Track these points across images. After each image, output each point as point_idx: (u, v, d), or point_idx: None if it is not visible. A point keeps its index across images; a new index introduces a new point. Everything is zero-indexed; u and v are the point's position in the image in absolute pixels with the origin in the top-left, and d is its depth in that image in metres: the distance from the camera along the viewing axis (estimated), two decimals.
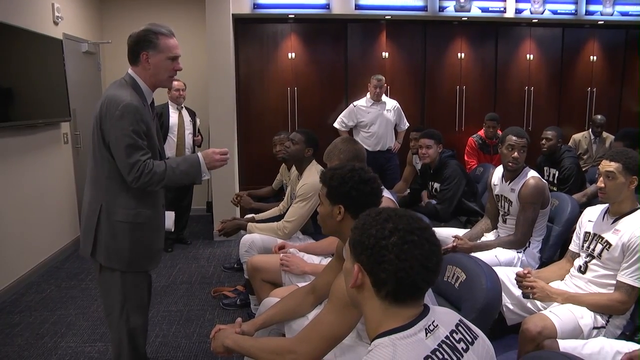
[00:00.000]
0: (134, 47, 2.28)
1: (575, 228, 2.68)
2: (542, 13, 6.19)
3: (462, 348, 1.19)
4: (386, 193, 2.85)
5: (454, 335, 1.20)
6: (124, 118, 2.15)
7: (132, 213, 2.29)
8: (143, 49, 2.26)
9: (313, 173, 3.38)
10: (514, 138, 3.11)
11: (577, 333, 2.19)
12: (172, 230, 2.82)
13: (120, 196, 2.27)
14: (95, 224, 2.27)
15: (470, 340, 1.23)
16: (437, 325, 1.19)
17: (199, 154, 2.38)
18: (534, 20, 6.32)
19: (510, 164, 3.12)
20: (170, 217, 2.67)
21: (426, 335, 1.15)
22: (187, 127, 5.23)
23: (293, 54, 6.06)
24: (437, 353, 1.14)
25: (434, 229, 1.24)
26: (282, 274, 2.96)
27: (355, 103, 5.55)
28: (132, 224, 2.29)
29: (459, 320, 1.26)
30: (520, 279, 2.41)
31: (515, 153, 3.09)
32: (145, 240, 2.37)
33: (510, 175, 3.18)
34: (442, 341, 1.17)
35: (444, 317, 1.24)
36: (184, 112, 5.26)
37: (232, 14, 5.56)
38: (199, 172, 2.36)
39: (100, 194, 2.27)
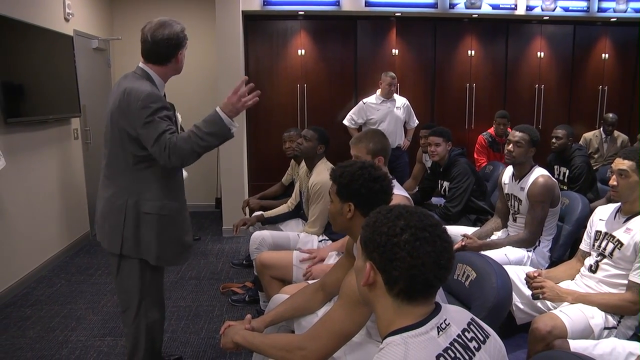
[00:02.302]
0: (171, 48, 2.26)
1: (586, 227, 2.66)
2: (553, 10, 6.14)
3: (474, 347, 1.18)
4: (400, 190, 2.84)
5: (466, 334, 1.20)
6: (146, 107, 2.15)
7: (157, 205, 2.30)
8: (180, 48, 2.28)
9: (323, 170, 3.38)
10: (515, 133, 3.14)
11: (587, 333, 2.17)
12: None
13: (147, 188, 2.29)
14: (122, 220, 2.28)
15: (482, 339, 1.22)
16: (448, 323, 1.18)
17: (217, 108, 2.25)
18: (545, 18, 6.27)
19: (505, 157, 3.15)
20: None
21: (438, 334, 1.14)
22: None
23: (303, 51, 6.05)
24: (449, 352, 1.13)
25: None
26: (293, 271, 2.98)
27: (364, 100, 5.54)
28: (159, 215, 2.31)
29: (471, 319, 1.25)
30: (529, 280, 2.40)
31: (510, 146, 3.10)
32: (173, 233, 2.37)
33: (520, 173, 3.16)
34: (454, 340, 1.16)
35: (455, 316, 1.23)
36: None
37: (242, 11, 5.56)
38: (225, 126, 2.22)
39: (125, 188, 2.28)
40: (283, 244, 3.40)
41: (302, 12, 5.88)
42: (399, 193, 2.75)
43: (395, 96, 5.55)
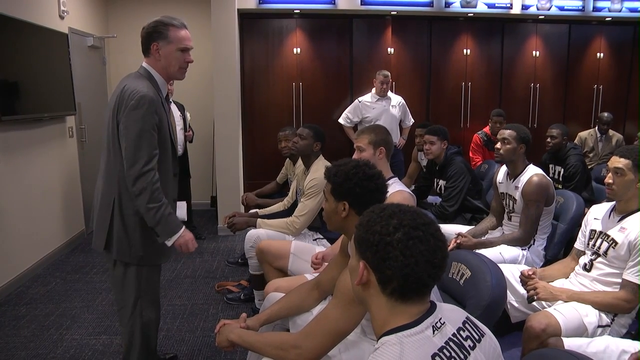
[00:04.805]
0: (146, 39, 2.29)
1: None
2: (548, 9, 6.15)
3: (469, 346, 1.19)
4: (403, 187, 2.84)
5: (461, 332, 1.20)
6: (138, 108, 2.15)
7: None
8: (153, 39, 2.27)
9: (321, 167, 3.39)
10: (502, 130, 3.19)
11: (581, 331, 2.18)
12: (185, 219, 2.76)
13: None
14: (109, 218, 2.27)
15: (477, 337, 1.22)
16: (444, 322, 1.18)
17: (184, 230, 2.32)
18: (540, 17, 6.29)
19: (495, 154, 3.21)
20: (182, 207, 2.64)
21: (433, 333, 1.14)
22: (177, 123, 5.06)
23: (298, 49, 6.04)
24: (445, 351, 1.13)
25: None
26: (290, 259, 3.02)
27: (360, 99, 5.55)
28: (135, 216, 2.27)
29: (466, 318, 1.25)
30: (525, 279, 2.41)
31: (498, 144, 3.16)
32: (147, 232, 2.32)
33: (514, 172, 3.17)
34: (449, 339, 1.16)
35: (450, 314, 1.23)
36: (173, 107, 5.04)
37: (238, 9, 5.56)
38: (168, 233, 2.26)
39: (113, 187, 2.26)
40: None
41: (298, 11, 5.87)
42: (402, 189, 2.78)
43: (391, 95, 5.56)
